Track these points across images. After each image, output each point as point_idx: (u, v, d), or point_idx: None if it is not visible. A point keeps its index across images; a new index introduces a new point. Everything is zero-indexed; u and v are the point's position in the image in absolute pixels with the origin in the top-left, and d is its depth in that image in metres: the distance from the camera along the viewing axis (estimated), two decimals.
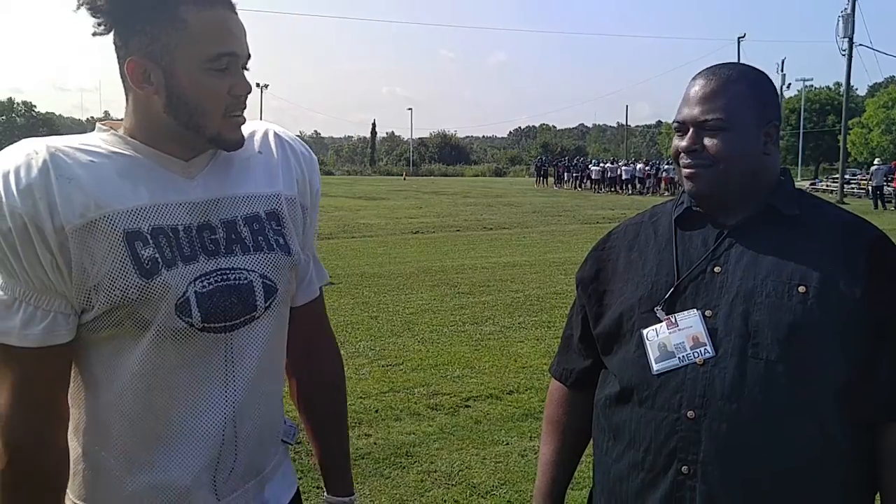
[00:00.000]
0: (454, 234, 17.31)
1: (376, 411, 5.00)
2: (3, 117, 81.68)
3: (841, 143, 35.47)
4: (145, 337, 1.22)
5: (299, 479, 3.76)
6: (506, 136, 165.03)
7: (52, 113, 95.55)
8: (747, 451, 1.27)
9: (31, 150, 1.19)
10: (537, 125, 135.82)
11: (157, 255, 1.21)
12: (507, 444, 4.50)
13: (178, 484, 1.28)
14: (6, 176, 1.15)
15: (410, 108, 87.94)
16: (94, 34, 1.24)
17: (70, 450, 1.28)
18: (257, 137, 1.40)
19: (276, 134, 1.42)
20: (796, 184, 1.50)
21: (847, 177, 35.51)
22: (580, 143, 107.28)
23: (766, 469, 1.27)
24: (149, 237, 1.21)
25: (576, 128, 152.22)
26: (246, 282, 1.29)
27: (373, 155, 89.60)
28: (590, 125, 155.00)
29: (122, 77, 1.26)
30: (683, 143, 1.40)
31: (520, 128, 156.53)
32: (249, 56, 1.28)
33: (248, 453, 1.35)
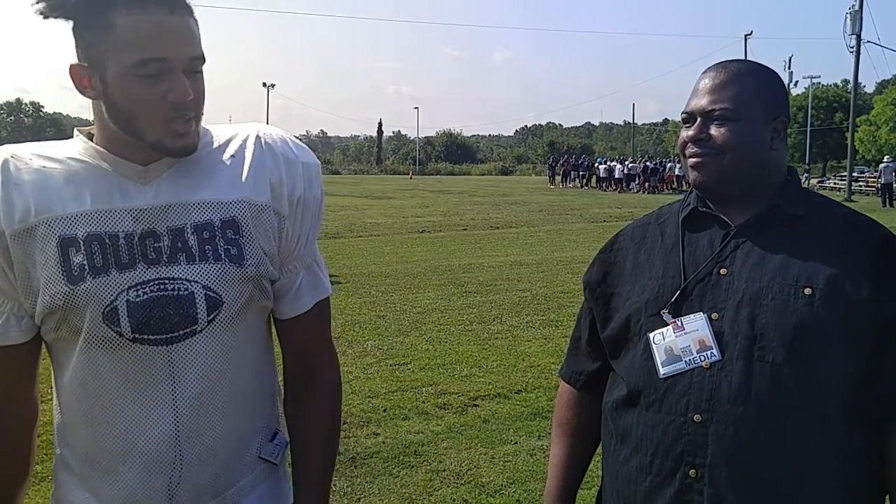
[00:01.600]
0: (461, 232, 17.30)
1: (384, 410, 5.01)
2: (12, 118, 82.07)
3: (849, 141, 35.29)
4: (79, 344, 1.22)
5: None
6: (512, 134, 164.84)
7: (60, 113, 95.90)
8: (754, 454, 1.27)
9: None
10: (544, 123, 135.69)
11: (84, 262, 1.20)
12: (516, 443, 4.51)
13: (132, 494, 1.26)
14: None
15: (416, 107, 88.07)
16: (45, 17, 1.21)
17: (56, 451, 1.33)
18: (236, 141, 1.33)
19: (257, 136, 1.34)
20: (803, 182, 1.50)
21: (855, 174, 35.34)
22: (587, 141, 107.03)
23: (774, 472, 1.27)
24: (82, 244, 1.20)
25: (582, 126, 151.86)
26: (186, 293, 1.23)
27: (379, 154, 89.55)
28: (596, 123, 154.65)
29: None
30: (690, 132, 1.41)
31: (526, 126, 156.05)
32: (198, 58, 1.22)
33: (199, 473, 1.28)
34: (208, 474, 1.30)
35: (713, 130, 1.38)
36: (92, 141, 1.27)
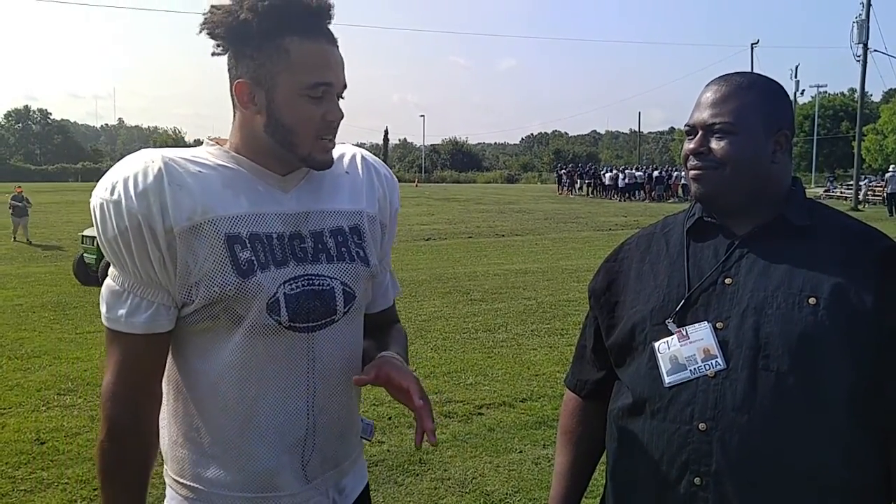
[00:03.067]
0: (466, 240, 17.32)
1: (389, 418, 5.01)
2: (20, 125, 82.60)
3: (855, 150, 35.23)
4: (238, 331, 1.36)
5: None
6: (518, 142, 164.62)
7: (67, 120, 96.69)
8: (759, 462, 1.27)
9: (148, 159, 1.34)
10: (549, 131, 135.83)
11: (252, 258, 1.36)
12: (521, 451, 4.51)
13: (268, 467, 1.41)
14: (126, 181, 1.31)
15: (423, 115, 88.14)
16: (213, 54, 1.39)
17: (170, 433, 1.45)
18: (346, 159, 1.55)
19: (362, 157, 1.58)
20: (809, 191, 1.51)
21: (861, 183, 35.24)
22: (592, 149, 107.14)
23: (778, 480, 1.27)
24: (247, 241, 1.36)
25: (588, 134, 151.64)
26: (328, 287, 1.42)
27: (385, 161, 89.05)
28: (602, 132, 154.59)
29: (231, 96, 1.40)
30: (691, 145, 1.42)
31: (532, 134, 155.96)
32: (345, 86, 1.40)
33: (326, 444, 1.47)
34: (331, 447, 1.49)
35: (713, 144, 1.39)
36: (226, 150, 1.43)
